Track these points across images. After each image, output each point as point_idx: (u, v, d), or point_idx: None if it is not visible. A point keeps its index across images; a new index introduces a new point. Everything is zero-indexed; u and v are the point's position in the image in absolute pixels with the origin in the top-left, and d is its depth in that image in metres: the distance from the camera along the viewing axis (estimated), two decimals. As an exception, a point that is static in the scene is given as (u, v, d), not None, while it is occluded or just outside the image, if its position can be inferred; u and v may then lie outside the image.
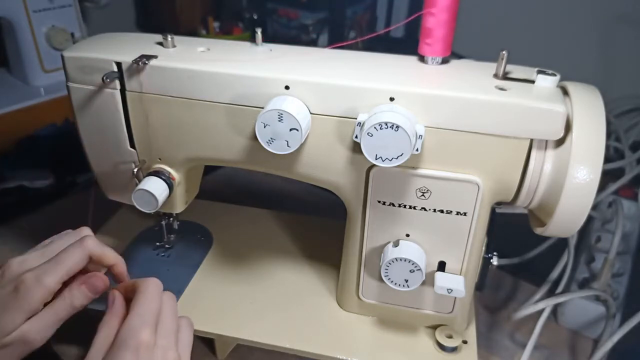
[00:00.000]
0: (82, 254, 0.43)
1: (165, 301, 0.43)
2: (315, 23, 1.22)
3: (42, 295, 0.41)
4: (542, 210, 0.42)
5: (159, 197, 0.46)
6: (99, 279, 0.44)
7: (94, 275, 0.44)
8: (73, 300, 0.43)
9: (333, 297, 0.55)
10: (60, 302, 0.42)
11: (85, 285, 0.43)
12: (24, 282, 0.40)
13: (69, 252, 0.43)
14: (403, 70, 0.44)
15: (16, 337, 0.40)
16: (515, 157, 0.41)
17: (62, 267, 0.42)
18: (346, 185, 0.46)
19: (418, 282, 0.45)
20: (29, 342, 0.41)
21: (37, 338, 0.41)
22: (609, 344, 0.53)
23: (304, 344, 0.49)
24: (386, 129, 0.37)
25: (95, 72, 0.44)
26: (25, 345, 0.41)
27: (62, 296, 0.43)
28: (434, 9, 0.42)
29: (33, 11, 0.91)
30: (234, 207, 0.69)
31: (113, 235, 0.62)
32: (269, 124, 0.40)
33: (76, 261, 0.43)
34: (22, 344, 0.40)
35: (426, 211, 0.44)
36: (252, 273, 0.58)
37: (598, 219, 0.69)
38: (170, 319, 0.42)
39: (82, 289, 0.43)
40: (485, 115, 0.39)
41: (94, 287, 0.44)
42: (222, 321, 0.51)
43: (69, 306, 0.42)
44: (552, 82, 0.41)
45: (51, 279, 0.41)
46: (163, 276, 0.55)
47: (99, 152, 0.50)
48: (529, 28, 1.08)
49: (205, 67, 0.43)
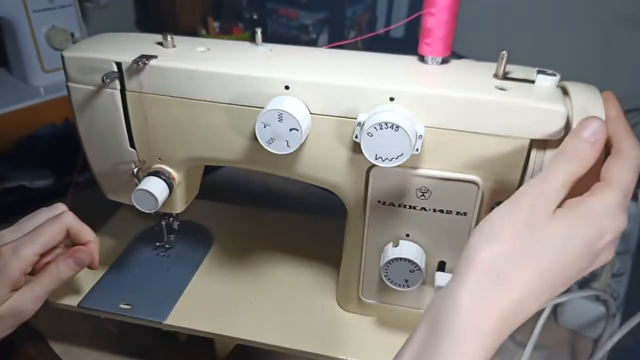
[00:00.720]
0: (59, 227, 0.45)
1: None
2: (315, 23, 1.22)
3: (20, 266, 0.42)
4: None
5: (159, 197, 0.46)
6: (84, 253, 0.46)
7: (80, 249, 0.47)
8: (60, 273, 0.45)
9: (333, 297, 0.55)
10: (48, 275, 0.44)
11: (71, 258, 0.45)
12: (1, 255, 0.42)
13: (46, 225, 0.45)
14: (403, 70, 0.44)
15: (6, 309, 0.42)
16: (515, 157, 0.41)
17: (39, 239, 0.44)
18: (346, 185, 0.46)
19: (418, 282, 0.45)
20: (19, 314, 0.43)
21: (27, 309, 0.43)
22: (609, 344, 0.53)
23: (304, 344, 0.49)
24: (386, 129, 0.37)
25: (95, 72, 0.44)
26: (16, 317, 0.43)
27: (49, 269, 0.45)
28: (433, 9, 0.42)
29: (33, 11, 0.91)
30: (234, 207, 0.69)
31: (113, 235, 0.62)
32: (269, 124, 0.40)
33: (53, 234, 0.45)
34: (13, 316, 0.42)
35: (426, 211, 0.44)
36: (252, 273, 0.58)
37: (598, 219, 0.69)
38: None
39: (68, 262, 0.45)
40: (485, 115, 0.39)
41: (80, 260, 0.46)
42: (222, 321, 0.51)
43: (57, 278, 0.45)
44: (552, 82, 0.41)
45: (28, 250, 0.43)
46: (163, 276, 0.56)
47: (99, 152, 0.50)
48: (529, 28, 1.08)
49: (205, 67, 0.43)
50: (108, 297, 0.53)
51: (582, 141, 0.32)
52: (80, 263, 0.46)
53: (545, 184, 0.31)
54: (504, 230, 0.30)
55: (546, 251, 0.30)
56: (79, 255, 0.46)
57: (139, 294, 0.53)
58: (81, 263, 0.46)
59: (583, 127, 0.32)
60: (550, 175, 0.31)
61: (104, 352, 0.55)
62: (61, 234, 0.46)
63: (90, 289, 0.53)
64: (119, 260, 0.58)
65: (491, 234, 0.31)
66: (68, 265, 0.45)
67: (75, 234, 0.47)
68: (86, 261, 0.46)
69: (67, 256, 0.46)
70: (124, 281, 0.55)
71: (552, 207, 0.31)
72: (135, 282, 0.55)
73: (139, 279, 0.55)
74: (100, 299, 0.53)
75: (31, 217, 0.47)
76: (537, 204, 0.31)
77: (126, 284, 0.55)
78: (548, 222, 0.30)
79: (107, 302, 0.52)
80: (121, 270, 0.57)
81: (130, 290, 0.54)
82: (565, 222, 0.30)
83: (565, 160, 0.32)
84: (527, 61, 0.44)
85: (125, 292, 0.54)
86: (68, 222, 0.46)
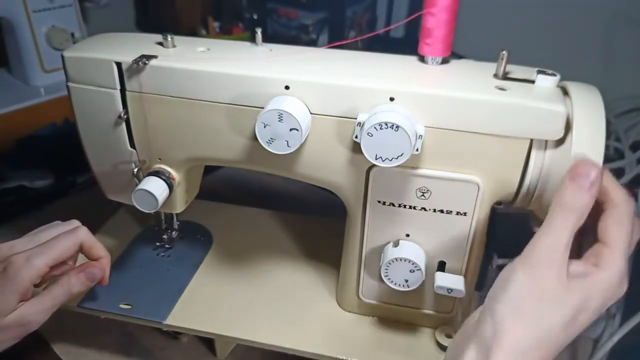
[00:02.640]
0: (74, 240, 0.45)
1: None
2: (315, 23, 1.22)
3: (31, 276, 0.42)
4: (542, 210, 0.42)
5: (159, 197, 0.46)
6: (97, 268, 0.46)
7: (92, 265, 0.46)
8: (70, 286, 0.44)
9: (333, 297, 0.55)
10: (59, 288, 0.44)
11: (83, 273, 0.45)
12: (12, 263, 0.42)
13: (61, 238, 0.45)
14: (403, 70, 0.44)
15: (14, 319, 0.41)
16: (515, 157, 0.41)
17: (52, 251, 0.43)
18: (346, 185, 0.46)
19: (418, 282, 0.45)
20: (27, 324, 0.42)
21: (35, 320, 0.43)
22: (609, 344, 0.53)
23: (304, 344, 0.49)
24: (386, 129, 0.37)
25: (95, 72, 0.44)
26: (23, 327, 0.42)
27: (60, 282, 0.44)
28: (434, 9, 0.42)
29: (33, 11, 0.91)
30: (234, 207, 0.69)
31: (113, 235, 0.62)
32: (269, 124, 0.40)
33: (67, 247, 0.44)
34: (20, 325, 0.42)
35: (426, 211, 0.44)
36: (252, 273, 0.58)
37: (598, 219, 0.69)
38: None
39: (80, 277, 0.45)
40: (485, 115, 0.39)
41: (92, 275, 0.46)
42: (222, 321, 0.51)
43: (67, 291, 0.44)
44: (552, 82, 0.41)
45: (40, 260, 0.42)
46: (163, 276, 0.56)
47: (99, 152, 0.50)
48: (529, 28, 1.08)
49: (205, 67, 0.43)
50: (108, 297, 0.53)
51: (582, 192, 0.32)
52: (92, 278, 0.46)
53: (553, 249, 0.32)
54: (525, 306, 0.32)
55: (562, 327, 0.32)
56: (91, 271, 0.45)
57: (139, 294, 0.53)
58: (93, 278, 0.46)
59: (580, 174, 0.32)
60: (557, 239, 0.32)
61: (104, 352, 0.55)
62: (74, 248, 0.45)
63: (90, 289, 0.53)
64: (119, 260, 0.58)
65: (515, 311, 0.32)
66: (79, 280, 0.45)
67: (88, 249, 0.46)
68: (98, 277, 0.46)
69: (79, 270, 0.45)
70: (124, 281, 0.55)
71: (564, 273, 0.32)
72: (135, 282, 0.55)
73: (139, 279, 0.55)
74: (100, 299, 0.53)
75: (45, 229, 0.46)
76: (550, 275, 0.32)
77: (126, 284, 0.55)
78: (564, 294, 0.32)
79: (107, 302, 0.52)
80: (121, 270, 0.56)
81: (130, 290, 0.54)
82: (577, 295, 0.32)
83: (567, 217, 0.32)
84: (527, 61, 0.44)
85: (125, 292, 0.53)
86: (82, 237, 0.46)
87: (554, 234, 0.32)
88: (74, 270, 0.45)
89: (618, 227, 0.33)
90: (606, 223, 0.33)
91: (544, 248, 0.32)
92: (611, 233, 0.33)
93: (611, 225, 0.33)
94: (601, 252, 0.33)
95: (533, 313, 0.32)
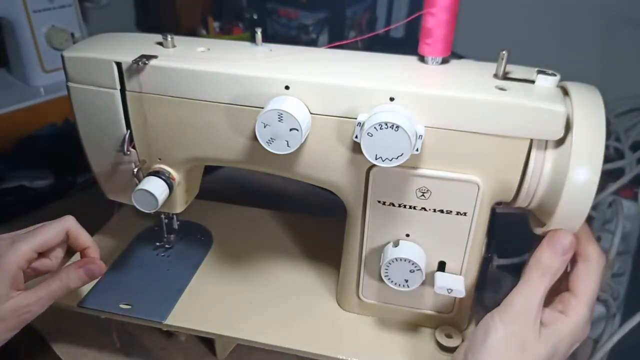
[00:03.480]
0: (59, 227, 0.46)
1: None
2: (315, 23, 1.22)
3: (17, 260, 0.42)
4: (542, 210, 0.42)
5: (159, 197, 0.46)
6: (96, 266, 0.46)
7: (92, 261, 0.46)
8: (69, 281, 0.45)
9: (333, 297, 0.55)
10: (56, 281, 0.44)
11: (82, 269, 0.45)
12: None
13: (46, 224, 0.46)
14: (403, 70, 0.44)
15: (11, 308, 0.42)
16: (515, 157, 0.41)
17: (37, 236, 0.44)
18: (346, 185, 0.46)
19: (418, 282, 0.45)
20: (23, 315, 0.42)
21: (31, 310, 0.43)
22: (609, 344, 0.53)
23: (304, 344, 0.49)
24: (386, 129, 0.37)
25: (95, 72, 0.44)
26: (19, 318, 0.42)
27: (58, 276, 0.44)
28: (434, 9, 0.42)
29: (33, 11, 0.91)
30: (234, 207, 0.69)
31: (113, 235, 0.62)
32: (269, 124, 0.40)
33: (53, 233, 0.45)
34: (16, 316, 0.42)
35: (426, 211, 0.44)
36: (252, 273, 0.58)
37: (598, 219, 0.69)
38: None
39: (78, 272, 0.45)
40: (485, 115, 0.39)
41: (90, 271, 0.46)
42: (222, 321, 0.51)
43: (64, 286, 0.44)
44: (552, 82, 0.41)
45: (24, 244, 0.43)
46: (163, 276, 0.56)
47: (99, 152, 0.50)
48: (529, 28, 1.08)
49: (205, 67, 0.43)
50: (108, 297, 0.53)
51: (556, 257, 0.38)
52: (91, 275, 0.46)
53: (530, 303, 0.38)
54: (507, 356, 0.37)
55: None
56: (90, 267, 0.46)
57: (139, 294, 0.53)
58: (91, 275, 0.46)
59: (557, 242, 0.39)
60: (533, 294, 0.38)
61: (104, 352, 0.55)
62: (60, 235, 0.46)
63: (90, 289, 0.53)
64: (119, 260, 0.58)
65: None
66: (78, 275, 0.45)
67: (74, 238, 0.47)
68: (97, 274, 0.46)
69: (79, 266, 0.45)
70: (124, 281, 0.55)
71: (538, 324, 0.38)
72: (135, 282, 0.55)
73: (139, 279, 0.55)
74: (100, 299, 0.53)
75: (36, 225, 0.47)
76: (527, 329, 0.37)
77: (126, 284, 0.55)
78: (537, 344, 0.37)
79: (107, 302, 0.52)
80: (121, 270, 0.57)
81: (130, 290, 0.54)
82: (550, 342, 0.37)
83: (542, 275, 0.38)
84: (527, 61, 0.44)
85: (125, 292, 0.53)
86: (68, 225, 0.46)
87: (530, 290, 0.38)
88: (73, 265, 0.45)
89: (587, 281, 0.38)
90: (577, 276, 0.39)
91: (522, 302, 0.38)
92: (580, 286, 0.38)
93: (582, 279, 0.39)
94: (569, 301, 0.38)
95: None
